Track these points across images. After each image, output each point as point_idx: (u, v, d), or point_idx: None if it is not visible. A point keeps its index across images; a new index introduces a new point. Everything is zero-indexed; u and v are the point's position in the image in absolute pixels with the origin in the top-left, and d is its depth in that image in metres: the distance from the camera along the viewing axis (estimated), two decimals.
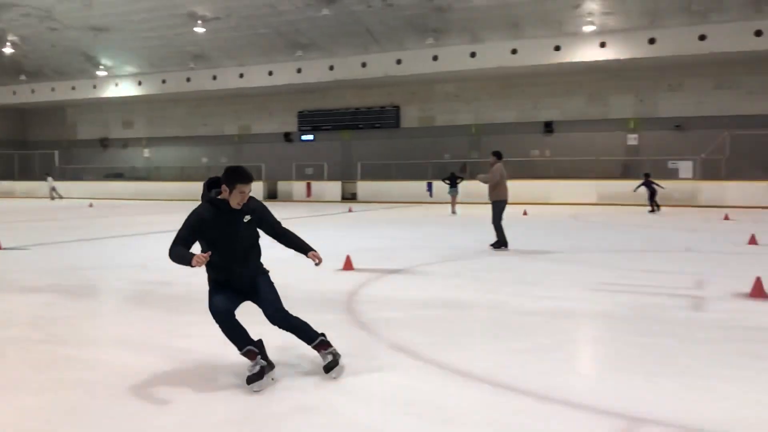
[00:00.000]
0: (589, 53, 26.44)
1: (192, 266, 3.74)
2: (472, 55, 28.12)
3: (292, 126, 35.43)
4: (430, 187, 29.03)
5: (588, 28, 25.82)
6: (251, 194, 4.06)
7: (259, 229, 4.19)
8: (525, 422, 3.37)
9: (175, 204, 28.01)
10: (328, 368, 4.05)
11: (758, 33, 24.01)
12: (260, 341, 4.08)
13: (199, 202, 4.05)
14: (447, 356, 4.52)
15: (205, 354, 4.63)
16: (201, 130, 38.06)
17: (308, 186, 33.01)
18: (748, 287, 6.82)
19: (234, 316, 3.96)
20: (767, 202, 22.54)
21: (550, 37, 26.74)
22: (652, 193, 21.16)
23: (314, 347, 4.11)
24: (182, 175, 36.56)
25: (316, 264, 4.23)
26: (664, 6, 24.42)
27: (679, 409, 3.54)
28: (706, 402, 3.70)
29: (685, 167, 26.44)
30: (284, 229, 4.30)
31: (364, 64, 30.34)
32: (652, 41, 25.34)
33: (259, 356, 3.93)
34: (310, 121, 34.87)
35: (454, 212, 21.08)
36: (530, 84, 29.74)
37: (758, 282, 6.73)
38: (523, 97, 30.25)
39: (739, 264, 9.26)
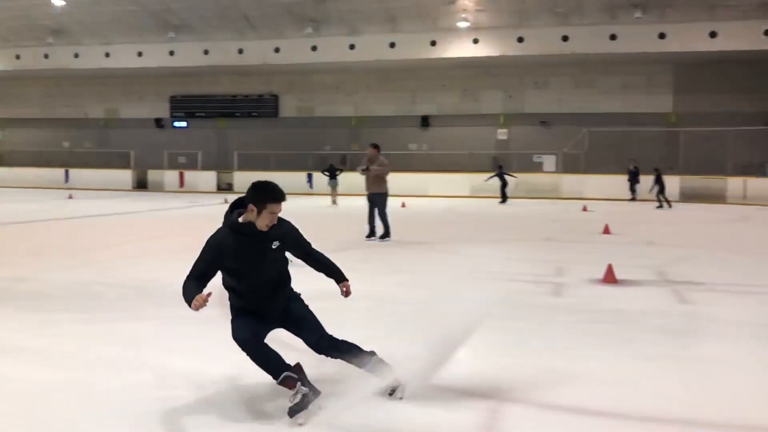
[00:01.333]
0: (463, 49, 27.39)
1: (192, 307, 3.28)
2: (351, 47, 28.21)
3: (163, 111, 33.73)
4: (309, 178, 28.88)
5: (462, 24, 26.73)
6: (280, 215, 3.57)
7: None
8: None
9: (34, 192, 25.87)
10: (392, 393, 3.62)
11: (613, 37, 26.03)
12: (298, 365, 3.53)
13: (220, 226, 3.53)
14: None
15: (78, 356, 4.32)
16: (62, 111, 35.18)
17: (181, 175, 31.66)
18: (601, 273, 7.40)
19: (263, 340, 3.50)
20: (621, 195, 24.54)
21: (427, 32, 27.39)
22: (504, 184, 23.16)
23: (370, 370, 3.64)
24: (41, 160, 33.75)
25: (344, 296, 3.87)
26: (531, 6, 25.82)
27: (540, 388, 3.78)
28: (564, 380, 3.98)
29: (549, 161, 28.23)
30: (315, 251, 3.89)
31: (240, 51, 29.50)
32: (520, 40, 26.69)
33: (299, 383, 3.39)
34: (184, 106, 33.38)
35: (334, 203, 21.28)
36: (408, 78, 30.34)
37: (610, 269, 7.33)
38: (401, 90, 30.80)
39: (594, 252, 10.01)
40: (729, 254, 10.31)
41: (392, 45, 27.74)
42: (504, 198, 23.12)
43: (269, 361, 3.44)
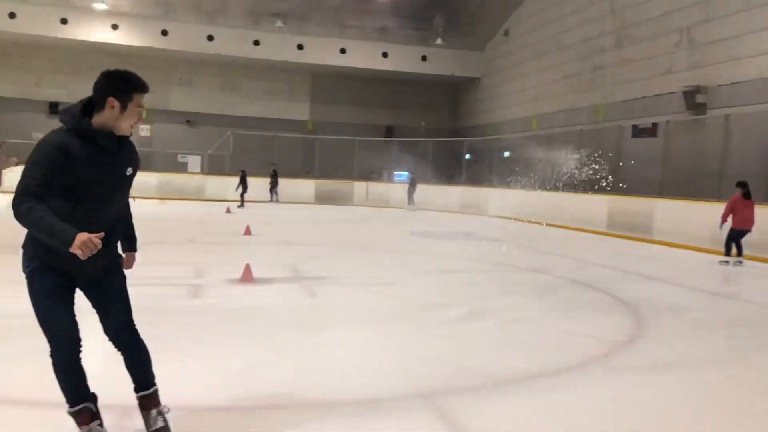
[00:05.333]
0: (100, 33, 25.30)
1: (77, 252, 2.42)
2: None
3: None
4: None
5: (99, 6, 24.65)
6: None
7: None
8: None
9: None
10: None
11: (257, 42, 27.09)
12: (95, 396, 2.87)
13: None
14: None
15: None
16: None
17: None
18: (239, 273, 7.58)
19: (80, 344, 2.73)
20: (263, 197, 25.56)
21: (56, 7, 24.52)
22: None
23: (143, 399, 2.99)
24: None
25: (125, 267, 3.14)
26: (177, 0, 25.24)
27: (178, 390, 3.65)
28: (200, 377, 3.95)
29: (194, 161, 27.87)
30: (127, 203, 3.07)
31: None
32: (165, 33, 25.84)
33: (95, 423, 2.77)
34: None
35: None
36: (32, 57, 26.72)
37: (247, 268, 7.57)
38: (23, 70, 26.95)
39: (235, 253, 10.22)
40: (352, 251, 11.62)
41: (12, 15, 24.04)
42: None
43: (74, 380, 2.79)
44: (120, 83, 2.74)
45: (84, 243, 2.46)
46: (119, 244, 3.14)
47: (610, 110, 20.28)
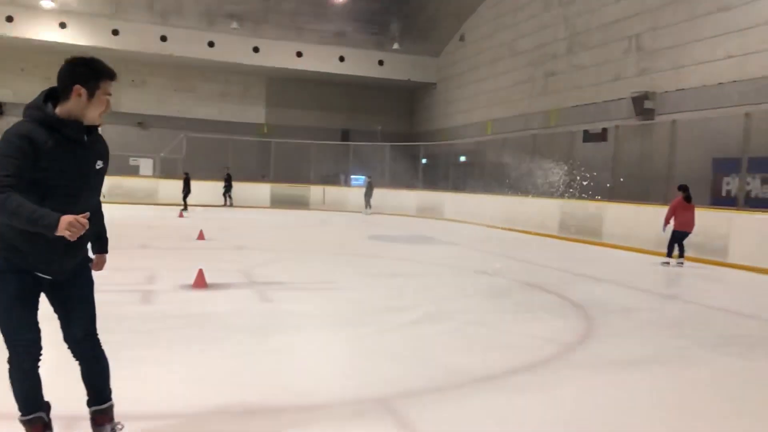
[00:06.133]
0: (47, 32, 24.58)
1: (65, 234, 2.29)
2: None
3: None
4: None
5: (46, 4, 23.95)
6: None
7: None
8: None
9: None
10: None
11: (211, 44, 26.73)
12: (48, 405, 2.77)
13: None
14: None
15: None
16: None
17: None
18: (192, 279, 7.46)
19: (41, 352, 2.64)
20: (217, 201, 25.21)
21: (2, 5, 23.74)
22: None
23: (96, 414, 2.86)
24: None
25: (94, 269, 2.97)
26: None
27: (132, 398, 3.56)
28: (155, 384, 3.87)
29: (146, 165, 27.27)
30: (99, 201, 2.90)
31: None
32: (116, 32, 25.27)
33: None
34: None
35: None
36: None
37: (200, 273, 7.44)
38: None
39: (188, 258, 10.04)
40: (308, 255, 11.55)
41: None
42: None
43: (29, 387, 2.68)
44: (86, 70, 2.62)
45: (71, 224, 2.32)
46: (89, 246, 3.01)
47: (563, 115, 20.72)
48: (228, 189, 25.11)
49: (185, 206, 21.74)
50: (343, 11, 26.98)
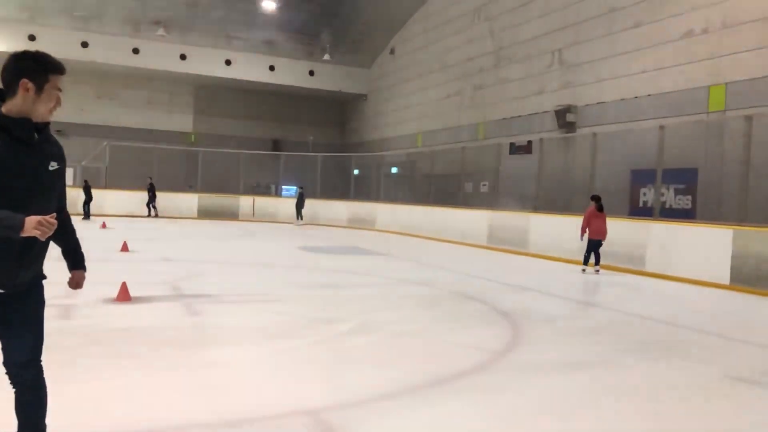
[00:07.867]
0: None
1: (35, 233, 2.16)
2: None
3: None
4: None
5: None
6: None
7: None
8: None
9: None
10: None
11: (136, 51, 25.98)
12: None
13: None
14: None
15: None
16: None
17: None
18: (115, 292, 7.18)
19: None
20: (141, 211, 24.43)
21: None
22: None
23: None
24: None
25: (72, 287, 2.81)
26: (46, 3, 23.70)
27: (54, 418, 3.39)
28: (77, 403, 3.67)
29: (67, 174, 26.05)
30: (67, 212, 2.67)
31: None
32: (32, 38, 24.15)
33: None
34: None
35: None
36: None
37: (124, 286, 7.18)
38: None
39: (111, 270, 9.65)
40: (237, 267, 11.34)
41: None
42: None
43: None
44: (33, 64, 2.44)
45: (40, 222, 2.18)
46: (66, 262, 2.83)
47: (490, 128, 21.28)
48: (152, 199, 24.37)
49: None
50: (273, 20, 26.81)
